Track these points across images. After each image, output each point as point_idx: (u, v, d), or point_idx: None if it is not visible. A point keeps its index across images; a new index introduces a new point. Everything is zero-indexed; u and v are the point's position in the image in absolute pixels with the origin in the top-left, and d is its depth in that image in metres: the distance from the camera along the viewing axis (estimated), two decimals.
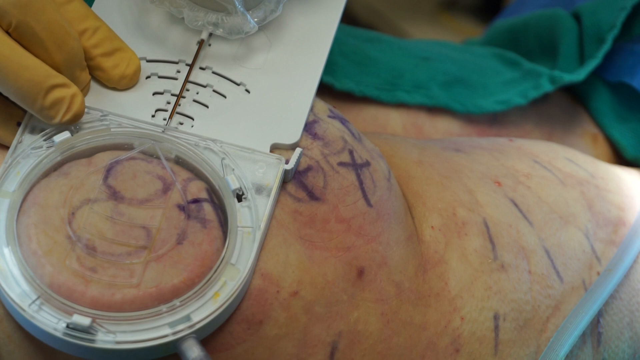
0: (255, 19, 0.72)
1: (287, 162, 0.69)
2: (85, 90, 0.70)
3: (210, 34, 0.74)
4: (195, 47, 0.74)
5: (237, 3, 0.70)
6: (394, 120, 0.95)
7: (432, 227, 0.75)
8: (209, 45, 0.74)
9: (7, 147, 0.68)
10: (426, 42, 1.09)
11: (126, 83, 0.71)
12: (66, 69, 0.67)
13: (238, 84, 0.73)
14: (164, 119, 0.71)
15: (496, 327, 0.74)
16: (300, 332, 0.67)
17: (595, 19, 0.99)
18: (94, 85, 0.71)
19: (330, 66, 0.94)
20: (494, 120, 0.97)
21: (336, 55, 0.95)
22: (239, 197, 0.67)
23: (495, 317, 0.74)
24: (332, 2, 0.79)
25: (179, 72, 0.73)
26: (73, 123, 0.67)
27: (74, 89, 0.66)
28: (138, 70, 0.72)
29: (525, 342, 0.75)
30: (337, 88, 0.93)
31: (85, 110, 0.69)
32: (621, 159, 1.00)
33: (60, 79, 0.66)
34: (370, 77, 0.95)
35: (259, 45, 0.75)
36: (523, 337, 0.75)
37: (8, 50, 0.65)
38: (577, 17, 1.02)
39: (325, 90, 0.92)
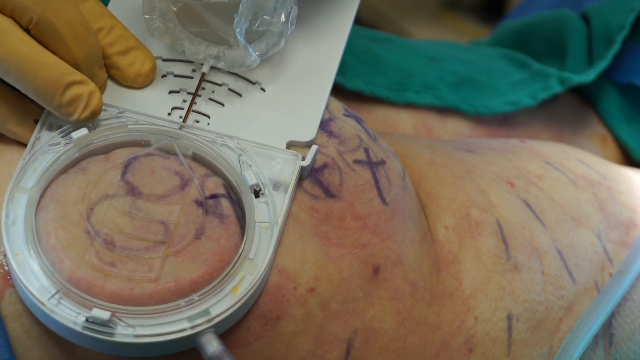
0: (257, 52, 0.71)
1: (303, 159, 0.69)
2: (102, 89, 0.70)
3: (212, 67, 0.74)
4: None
5: (238, 36, 0.69)
6: (404, 120, 0.95)
7: (445, 227, 0.76)
8: None
9: (25, 144, 0.68)
10: (434, 42, 1.09)
11: (142, 81, 0.71)
12: (85, 65, 0.67)
13: (253, 83, 0.73)
14: (180, 117, 0.71)
15: (509, 328, 0.74)
16: (316, 329, 0.67)
17: (604, 20, 0.99)
18: (110, 84, 0.71)
19: (340, 66, 0.94)
20: (504, 121, 0.97)
21: (346, 55, 0.95)
22: (257, 193, 0.67)
23: (509, 318, 0.74)
24: (346, 3, 0.79)
25: (194, 70, 0.73)
26: (91, 120, 0.67)
27: (91, 86, 0.66)
28: (154, 69, 0.72)
29: (538, 343, 0.75)
30: (348, 88, 0.93)
31: (103, 107, 0.69)
32: (630, 160, 1.00)
33: (78, 76, 0.66)
34: (380, 77, 0.95)
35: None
36: (536, 337, 0.75)
37: (26, 48, 0.65)
38: (585, 19, 1.02)
39: (336, 90, 0.92)
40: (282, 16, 0.72)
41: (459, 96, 0.96)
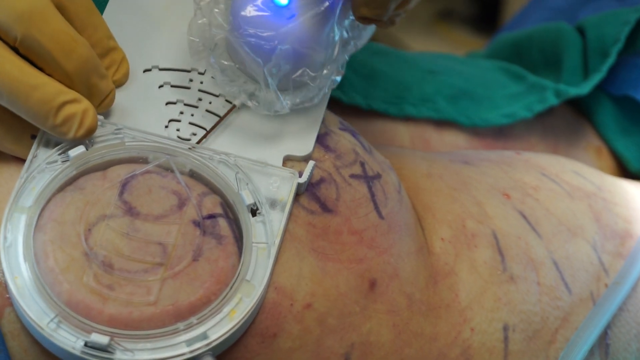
0: (289, 102, 0.71)
1: (300, 174, 0.69)
2: (109, 99, 0.69)
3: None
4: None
5: (269, 80, 0.69)
6: (401, 133, 0.95)
7: (442, 238, 0.76)
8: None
9: (22, 160, 0.68)
10: (432, 54, 1.10)
11: (116, 85, 0.71)
12: (79, 77, 0.66)
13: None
14: (177, 129, 0.71)
15: (506, 338, 0.74)
16: (313, 344, 0.68)
17: (599, 33, 0.99)
18: None
19: None
20: (500, 133, 0.98)
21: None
22: (253, 212, 0.67)
23: (505, 328, 0.75)
24: None
25: (191, 80, 0.73)
26: (87, 137, 0.67)
27: (85, 104, 0.66)
28: (127, 73, 0.71)
29: (534, 353, 0.75)
30: (345, 102, 0.93)
31: (100, 123, 0.69)
32: (625, 171, 1.01)
33: (71, 95, 0.65)
34: (377, 91, 0.96)
35: None
36: (532, 348, 0.75)
37: (17, 71, 0.64)
38: (581, 31, 1.02)
39: (333, 104, 0.92)
40: (324, 72, 0.71)
41: (456, 109, 0.96)
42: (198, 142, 0.70)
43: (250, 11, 0.70)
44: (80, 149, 0.68)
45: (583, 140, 1.01)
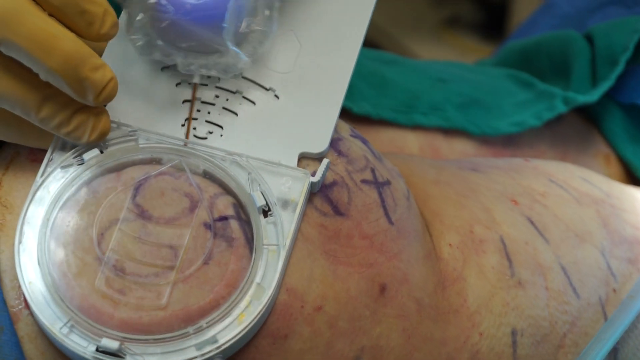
0: (246, 54, 0.70)
1: (313, 174, 0.69)
2: (107, 90, 0.64)
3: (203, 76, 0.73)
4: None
5: (229, 44, 0.69)
6: (411, 142, 0.96)
7: (450, 244, 0.76)
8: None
9: (39, 165, 0.68)
10: (441, 63, 1.10)
11: (105, 40, 0.66)
12: (65, 73, 0.63)
13: (267, 89, 0.73)
14: (194, 128, 0.71)
15: (514, 343, 0.75)
16: (324, 347, 0.68)
17: (608, 41, 0.99)
18: (123, 98, 0.70)
19: (348, 89, 0.95)
20: (509, 141, 0.98)
21: (354, 78, 0.95)
22: (265, 213, 0.68)
23: (513, 333, 0.75)
24: (359, 12, 0.78)
25: (209, 77, 0.73)
26: (101, 140, 0.67)
27: (96, 109, 0.66)
28: (115, 25, 0.65)
29: (542, 358, 0.76)
30: (355, 112, 0.94)
31: (115, 126, 0.69)
32: (633, 178, 1.01)
33: (78, 102, 0.65)
34: (387, 100, 0.96)
35: (289, 47, 0.75)
36: (541, 352, 0.76)
37: (20, 89, 0.64)
38: (589, 39, 1.03)
39: (343, 113, 0.92)
40: (264, 13, 0.71)
41: (465, 117, 0.97)
42: (186, 133, 0.70)
43: None
44: (95, 152, 0.68)
45: (592, 147, 1.01)
